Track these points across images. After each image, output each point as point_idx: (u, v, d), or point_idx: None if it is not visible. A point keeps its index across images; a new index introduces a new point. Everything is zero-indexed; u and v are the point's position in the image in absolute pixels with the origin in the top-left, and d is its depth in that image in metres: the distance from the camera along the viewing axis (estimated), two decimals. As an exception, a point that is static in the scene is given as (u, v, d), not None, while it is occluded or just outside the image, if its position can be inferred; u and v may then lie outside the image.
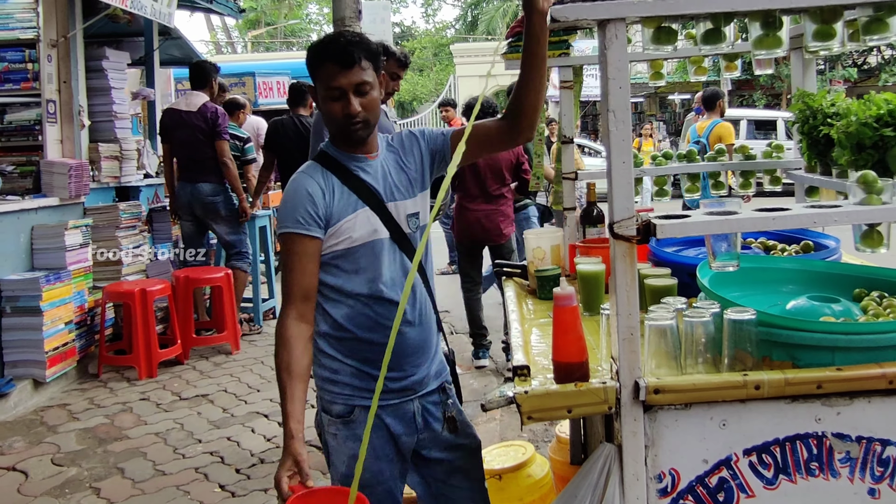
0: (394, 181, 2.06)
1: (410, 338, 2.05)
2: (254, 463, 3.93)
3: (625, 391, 1.57)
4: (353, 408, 2.02)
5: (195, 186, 5.97)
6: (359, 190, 2.00)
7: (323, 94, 1.96)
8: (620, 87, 1.53)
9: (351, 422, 2.03)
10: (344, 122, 1.96)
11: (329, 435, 2.07)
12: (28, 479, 3.82)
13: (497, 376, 5.30)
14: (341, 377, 2.03)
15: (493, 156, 5.29)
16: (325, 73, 1.94)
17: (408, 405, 2.07)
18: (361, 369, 2.02)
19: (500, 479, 2.74)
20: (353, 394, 2.02)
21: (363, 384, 2.01)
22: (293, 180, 2.01)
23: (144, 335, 5.32)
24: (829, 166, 2.26)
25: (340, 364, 2.03)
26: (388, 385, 2.01)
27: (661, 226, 1.54)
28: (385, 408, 2.04)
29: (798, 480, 1.59)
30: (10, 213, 4.92)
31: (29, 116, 5.50)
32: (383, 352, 1.98)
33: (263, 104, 9.36)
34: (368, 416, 1.62)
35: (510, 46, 2.59)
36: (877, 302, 1.83)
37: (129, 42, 6.92)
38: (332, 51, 1.93)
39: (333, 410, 2.04)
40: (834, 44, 1.66)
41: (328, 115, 1.98)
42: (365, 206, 2.00)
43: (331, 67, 1.93)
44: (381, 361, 1.97)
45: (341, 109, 1.94)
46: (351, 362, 2.02)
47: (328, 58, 1.93)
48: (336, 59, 1.92)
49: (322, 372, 2.06)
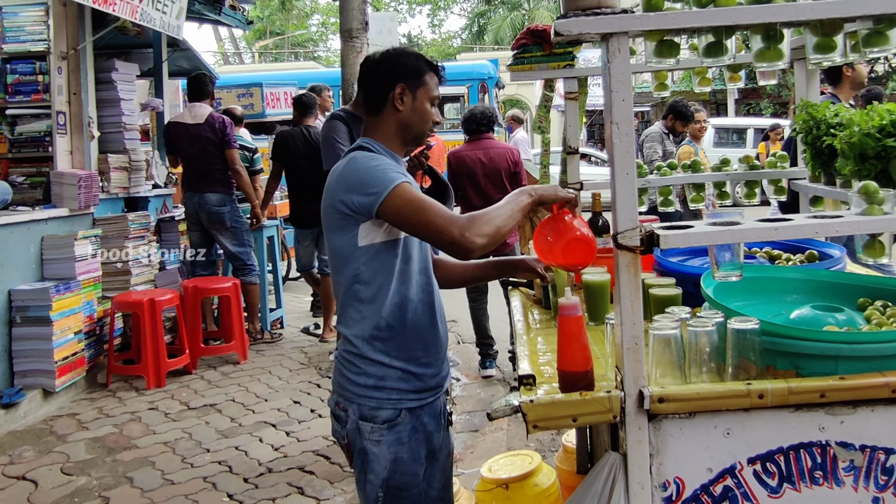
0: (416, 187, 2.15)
1: (441, 332, 2.14)
2: (262, 472, 3.94)
3: (629, 400, 1.58)
4: (400, 411, 2.05)
5: (202, 196, 6.02)
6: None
7: (427, 98, 2.13)
8: (623, 100, 1.55)
9: (397, 425, 2.05)
10: (430, 126, 2.17)
11: (370, 443, 2.06)
12: (38, 488, 3.84)
13: (504, 385, 5.31)
14: (388, 382, 2.06)
15: (493, 164, 5.35)
16: (434, 83, 2.15)
17: (438, 402, 2.15)
18: (407, 369, 2.06)
19: (506, 488, 2.75)
20: (401, 397, 2.06)
21: (408, 386, 2.06)
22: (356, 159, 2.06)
23: (153, 345, 5.35)
24: (833, 176, 2.27)
25: (387, 369, 2.05)
26: (427, 383, 2.09)
27: (665, 236, 1.56)
28: (424, 407, 2.09)
29: (802, 489, 1.60)
30: (20, 223, 4.97)
31: (39, 128, 5.54)
32: (427, 345, 2.08)
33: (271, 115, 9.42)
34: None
35: (515, 59, 2.62)
36: (880, 311, 1.84)
37: (138, 54, 6.98)
38: (436, 65, 2.19)
39: (379, 417, 2.05)
40: (835, 56, 1.68)
41: (425, 115, 2.14)
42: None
43: (436, 79, 2.16)
44: (424, 356, 2.08)
45: (434, 115, 2.16)
46: (398, 364, 2.05)
47: (435, 70, 2.17)
48: (439, 74, 2.18)
49: (365, 380, 2.06)
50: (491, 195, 5.33)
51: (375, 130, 2.14)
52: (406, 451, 2.05)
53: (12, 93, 5.45)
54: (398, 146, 2.15)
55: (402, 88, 2.09)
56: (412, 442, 2.06)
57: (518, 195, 2.00)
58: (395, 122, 2.12)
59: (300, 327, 6.92)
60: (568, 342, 1.66)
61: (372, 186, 1.96)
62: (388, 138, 2.13)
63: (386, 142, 2.13)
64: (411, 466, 2.06)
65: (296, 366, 5.85)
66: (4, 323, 4.82)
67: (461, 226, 1.89)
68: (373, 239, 2.01)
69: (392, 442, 2.04)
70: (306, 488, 3.73)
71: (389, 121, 2.12)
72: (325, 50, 37.97)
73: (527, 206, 1.99)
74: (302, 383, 5.40)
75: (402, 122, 2.12)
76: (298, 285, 8.78)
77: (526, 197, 1.99)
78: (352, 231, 2.01)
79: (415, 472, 2.07)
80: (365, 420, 2.05)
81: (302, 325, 6.99)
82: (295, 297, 8.32)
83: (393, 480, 2.05)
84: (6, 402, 4.62)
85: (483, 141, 5.46)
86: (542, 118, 3.04)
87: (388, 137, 2.13)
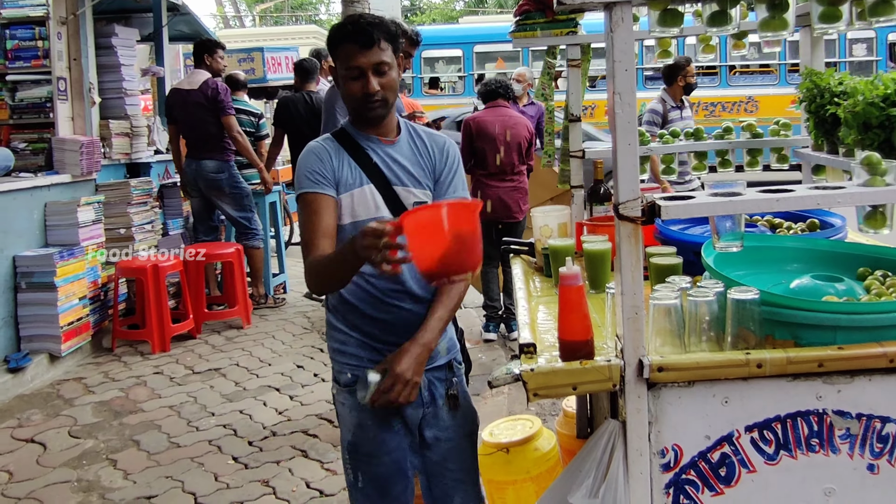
0: (405, 168, 2.09)
1: (416, 313, 2.07)
2: (266, 435, 4.00)
3: (629, 369, 1.60)
4: (358, 377, 2.05)
5: (199, 163, 6.03)
6: (366, 167, 2.05)
7: (343, 73, 2.01)
8: (626, 70, 1.54)
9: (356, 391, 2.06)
10: (362, 101, 2.01)
11: (338, 404, 2.15)
12: (46, 450, 3.90)
13: (505, 350, 5.35)
14: (349, 348, 2.09)
15: (516, 131, 5.34)
16: (345, 53, 1.99)
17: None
18: (365, 342, 2.09)
19: (507, 452, 2.78)
20: (359, 364, 2.07)
21: (369, 355, 2.07)
22: (305, 149, 2.10)
23: (157, 310, 5.40)
24: (836, 145, 2.27)
25: (347, 335, 2.10)
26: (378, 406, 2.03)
27: (666, 207, 1.56)
28: None
29: (799, 456, 1.63)
30: (23, 190, 4.98)
31: (40, 94, 5.52)
32: (386, 328, 2.05)
33: (272, 79, 9.35)
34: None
35: (518, 25, 2.59)
36: (880, 281, 1.84)
37: (137, 18, 6.91)
38: (352, 31, 1.98)
39: (341, 380, 2.11)
40: (840, 25, 1.66)
41: (347, 93, 2.03)
42: (370, 184, 2.05)
43: (350, 47, 1.98)
44: (383, 337, 2.05)
45: (360, 88, 1.99)
46: (356, 335, 2.09)
47: (348, 38, 1.99)
48: (356, 40, 1.97)
49: (332, 343, 2.14)
50: (512, 161, 5.36)
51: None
52: (369, 418, 2.06)
53: (12, 58, 5.43)
54: (363, 125, 2.09)
55: (329, 67, 2.09)
56: (378, 410, 2.02)
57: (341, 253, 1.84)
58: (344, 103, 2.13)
59: (303, 292, 6.96)
60: (568, 312, 1.67)
61: (296, 184, 2.08)
62: (353, 119, 2.12)
63: (354, 122, 2.11)
64: (378, 433, 2.07)
65: (299, 330, 5.89)
66: (10, 289, 4.86)
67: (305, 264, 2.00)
68: None
69: (354, 406, 2.08)
70: (310, 451, 3.79)
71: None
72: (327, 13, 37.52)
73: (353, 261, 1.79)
74: (305, 348, 5.44)
75: (344, 102, 2.11)
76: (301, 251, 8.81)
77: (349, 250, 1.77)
78: None
79: (383, 440, 2.08)
80: (335, 381, 2.14)
81: (305, 290, 7.03)
82: (297, 262, 8.33)
83: (360, 446, 2.08)
84: (13, 366, 4.67)
85: (500, 108, 5.47)
86: (545, 85, 3.02)
87: (352, 118, 2.13)
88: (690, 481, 1.63)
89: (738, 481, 1.63)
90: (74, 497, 3.43)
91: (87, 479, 3.59)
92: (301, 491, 3.42)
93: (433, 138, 2.17)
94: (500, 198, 5.38)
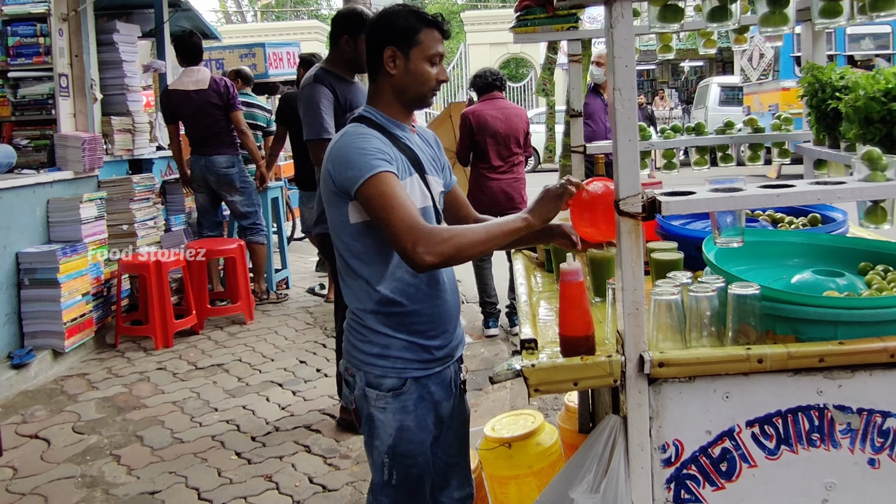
0: (427, 156, 2.13)
1: (450, 303, 2.11)
2: (269, 431, 4.01)
3: (630, 365, 1.60)
4: (405, 380, 2.05)
5: (209, 159, 6.00)
6: (407, 155, 2.04)
7: (424, 57, 2.01)
8: (626, 66, 1.54)
9: (402, 394, 2.05)
10: (433, 87, 2.05)
11: (376, 409, 2.06)
12: (50, 446, 3.92)
13: (508, 345, 5.36)
14: (393, 351, 2.04)
15: (513, 124, 5.33)
16: (431, 38, 2.02)
17: (447, 371, 2.13)
18: (411, 341, 2.04)
19: (509, 447, 2.79)
20: (406, 366, 2.05)
21: (414, 356, 2.05)
22: (350, 134, 2.00)
23: (160, 306, 5.41)
24: (838, 139, 2.26)
25: (391, 339, 2.04)
26: (434, 354, 2.07)
27: (666, 203, 1.56)
28: (431, 377, 2.08)
29: (799, 451, 1.63)
30: (25, 186, 4.99)
31: (42, 90, 5.53)
32: (432, 321, 2.06)
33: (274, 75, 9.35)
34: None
35: (518, 20, 2.59)
36: (881, 276, 1.84)
37: (139, 14, 6.91)
38: (434, 20, 2.03)
39: (384, 385, 2.05)
40: (840, 20, 1.66)
41: (423, 77, 2.02)
42: (415, 173, 2.05)
43: (436, 34, 2.03)
44: (429, 330, 2.05)
45: (437, 74, 2.04)
46: (401, 336, 2.04)
47: (433, 25, 2.03)
48: (440, 28, 2.04)
49: (371, 348, 2.05)
50: (512, 154, 5.36)
51: (376, 98, 2.08)
52: (412, 420, 2.05)
53: (14, 55, 5.43)
54: (399, 112, 2.07)
55: (392, 51, 2.01)
56: (418, 410, 2.06)
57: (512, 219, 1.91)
58: (391, 87, 2.05)
59: (305, 288, 6.97)
60: (569, 307, 1.68)
61: (353, 168, 1.91)
62: (387, 105, 2.07)
63: (386, 108, 2.07)
64: (417, 434, 2.07)
65: (301, 326, 5.90)
66: (13, 285, 4.87)
67: (416, 237, 1.82)
68: (363, 218, 1.96)
69: (397, 410, 2.04)
70: (313, 446, 3.80)
71: (385, 86, 2.05)
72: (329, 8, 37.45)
73: (516, 231, 1.89)
74: (307, 343, 5.45)
75: (397, 87, 2.04)
76: (303, 246, 8.82)
77: (519, 222, 1.90)
78: (342, 208, 1.98)
79: (421, 440, 2.08)
80: (371, 387, 2.05)
81: (307, 285, 7.04)
82: (300, 257, 8.36)
83: (399, 448, 2.06)
84: (17, 362, 4.69)
85: (497, 101, 5.45)
86: (545, 80, 3.02)
87: (387, 104, 2.07)
88: (691, 476, 1.64)
89: (738, 476, 1.64)
90: (78, 493, 3.45)
91: (90, 475, 3.61)
92: (304, 486, 3.43)
93: (425, 130, 2.24)
94: (502, 190, 5.37)
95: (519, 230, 1.90)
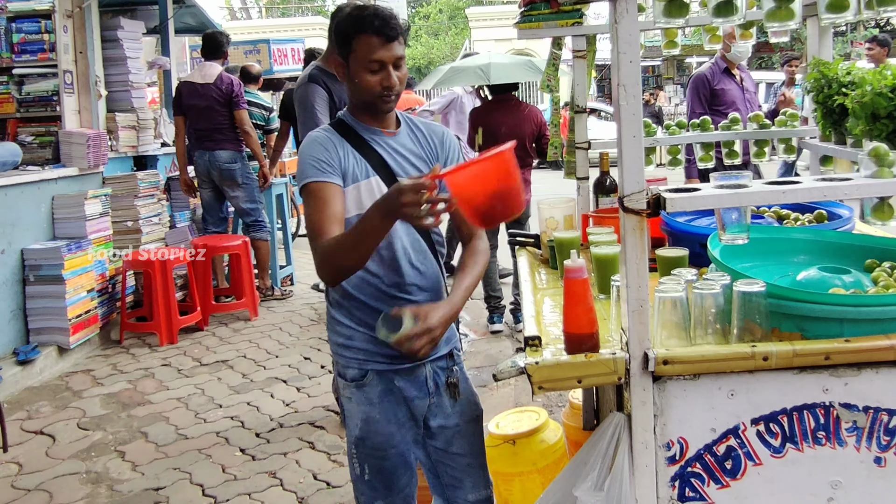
0: (409, 159, 2.09)
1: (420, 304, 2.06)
2: (273, 427, 4.01)
3: (634, 362, 1.59)
4: (366, 371, 2.07)
5: (213, 154, 6.02)
6: (370, 159, 2.03)
7: (361, 65, 1.96)
8: (631, 62, 1.53)
9: (364, 385, 2.08)
10: (380, 95, 1.98)
11: (344, 398, 2.14)
12: (55, 442, 3.93)
13: (512, 341, 5.35)
14: (355, 342, 2.08)
15: (521, 128, 5.29)
16: (367, 45, 1.94)
17: (420, 369, 2.11)
18: (372, 335, 2.03)
19: (513, 444, 2.78)
20: (367, 358, 2.07)
21: (376, 349, 2.05)
22: (306, 139, 2.06)
23: (165, 302, 5.42)
24: (844, 135, 2.25)
25: (353, 330, 2.08)
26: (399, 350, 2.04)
27: (671, 199, 1.55)
28: (398, 372, 2.08)
29: (805, 449, 1.62)
30: (30, 183, 4.99)
31: (47, 87, 5.53)
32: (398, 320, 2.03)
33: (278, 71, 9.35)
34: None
35: (523, 16, 2.58)
36: (887, 273, 1.83)
37: (143, 11, 6.91)
38: (375, 23, 1.93)
39: (348, 375, 2.10)
40: (847, 15, 1.65)
41: (363, 85, 1.97)
42: (376, 175, 2.03)
43: (373, 40, 1.93)
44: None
45: (380, 82, 1.96)
46: (363, 329, 2.07)
47: (370, 30, 1.93)
48: (379, 32, 1.93)
49: (337, 338, 2.11)
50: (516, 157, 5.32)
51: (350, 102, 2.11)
52: (377, 412, 2.06)
53: (18, 52, 5.44)
54: (367, 117, 2.06)
55: (337, 60, 2.02)
56: (384, 403, 2.06)
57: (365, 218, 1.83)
58: (350, 93, 2.07)
59: (310, 284, 6.97)
60: (573, 304, 1.67)
61: (299, 174, 2.01)
62: (355, 109, 2.09)
63: (357, 114, 2.08)
64: (385, 427, 2.08)
65: (306, 322, 5.90)
66: (18, 281, 4.88)
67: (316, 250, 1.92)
68: None
69: (361, 401, 2.08)
70: (317, 443, 3.80)
71: (349, 92, 2.08)
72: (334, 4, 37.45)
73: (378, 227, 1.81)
74: (312, 339, 5.46)
75: (352, 93, 2.06)
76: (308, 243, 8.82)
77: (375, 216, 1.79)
78: None
79: (390, 433, 2.08)
80: (340, 376, 2.12)
81: (311, 281, 7.04)
82: (304, 253, 8.35)
83: (367, 440, 2.08)
84: (22, 358, 4.70)
85: (509, 102, 5.41)
86: (550, 77, 3.01)
87: (355, 108, 2.09)
88: (696, 474, 1.63)
89: (743, 474, 1.63)
90: (83, 489, 3.46)
91: (95, 471, 3.61)
92: (308, 482, 3.44)
93: (431, 128, 2.17)
94: None
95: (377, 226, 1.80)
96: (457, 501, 2.24)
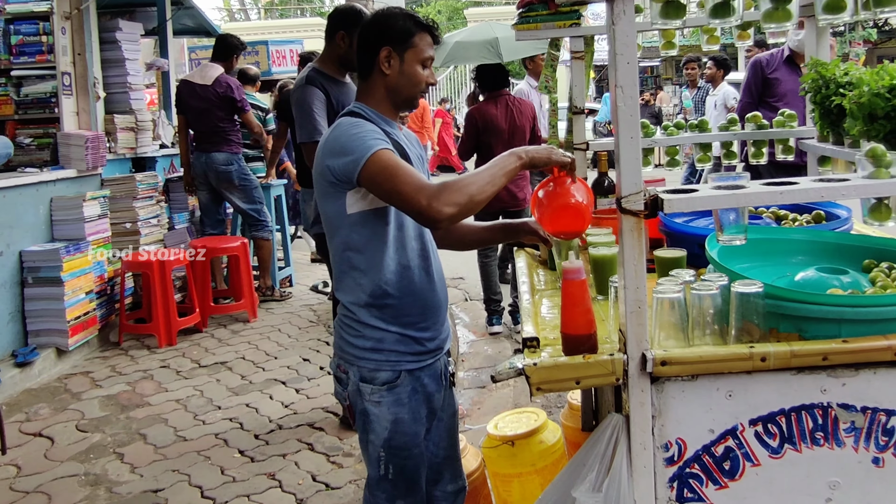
0: (415, 152, 2.16)
1: (439, 295, 2.15)
2: (272, 429, 4.01)
3: (632, 363, 1.59)
4: (399, 373, 2.08)
5: (209, 156, 6.02)
6: (398, 150, 2.06)
7: (417, 59, 2.08)
8: (628, 63, 1.53)
9: (396, 387, 2.08)
10: (424, 89, 2.13)
11: (370, 404, 2.09)
12: (54, 444, 3.93)
13: (511, 342, 5.35)
14: (386, 345, 2.08)
15: (519, 122, 5.30)
16: (425, 42, 2.09)
17: (437, 363, 2.17)
18: (404, 333, 2.08)
19: (512, 445, 2.78)
20: (400, 359, 2.08)
21: (407, 348, 2.09)
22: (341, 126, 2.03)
23: (163, 304, 5.41)
24: (842, 136, 2.25)
25: (384, 332, 2.07)
26: (426, 346, 2.11)
27: (669, 200, 1.55)
28: (424, 369, 2.12)
29: (803, 449, 1.62)
30: (29, 185, 4.99)
31: (45, 89, 5.53)
32: (423, 312, 2.09)
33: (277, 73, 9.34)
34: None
35: (521, 17, 2.58)
36: (885, 273, 1.83)
37: (141, 12, 6.91)
38: (429, 25, 2.11)
39: (379, 379, 2.08)
40: (844, 16, 1.65)
41: (415, 78, 2.09)
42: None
43: (428, 39, 2.10)
44: (421, 322, 2.09)
45: (427, 77, 2.12)
46: (394, 328, 2.07)
47: (427, 30, 2.10)
48: (433, 33, 2.12)
49: (363, 342, 2.08)
50: None
51: (366, 95, 2.12)
52: (406, 412, 2.08)
53: (17, 54, 5.44)
54: (389, 110, 2.12)
55: (388, 52, 2.06)
56: (412, 402, 2.09)
57: (506, 158, 1.96)
58: (384, 87, 2.10)
59: (309, 285, 6.97)
60: (571, 306, 1.67)
61: (351, 153, 1.94)
62: (378, 102, 2.11)
63: (377, 106, 2.11)
64: (412, 426, 2.10)
65: (305, 323, 5.90)
66: (16, 283, 4.88)
67: (429, 194, 1.85)
68: (361, 207, 2.01)
69: (392, 403, 2.08)
70: (316, 444, 3.80)
71: (378, 85, 2.10)
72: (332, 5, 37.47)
73: (513, 171, 1.95)
74: (311, 341, 5.45)
75: (391, 87, 2.10)
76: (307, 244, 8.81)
77: (514, 160, 1.95)
78: (340, 199, 2.01)
79: (415, 432, 2.11)
80: (365, 382, 2.08)
81: (310, 283, 7.04)
82: (304, 255, 8.35)
83: (394, 441, 2.08)
84: (21, 360, 4.69)
85: (504, 97, 5.41)
86: (548, 77, 3.01)
87: (378, 102, 2.11)
88: (694, 475, 1.63)
89: (742, 475, 1.63)
90: (82, 491, 3.45)
91: (94, 473, 3.61)
92: (307, 484, 3.44)
93: (407, 131, 2.28)
94: (506, 188, 5.34)
95: (514, 169, 1.95)
96: (435, 496, 2.27)
